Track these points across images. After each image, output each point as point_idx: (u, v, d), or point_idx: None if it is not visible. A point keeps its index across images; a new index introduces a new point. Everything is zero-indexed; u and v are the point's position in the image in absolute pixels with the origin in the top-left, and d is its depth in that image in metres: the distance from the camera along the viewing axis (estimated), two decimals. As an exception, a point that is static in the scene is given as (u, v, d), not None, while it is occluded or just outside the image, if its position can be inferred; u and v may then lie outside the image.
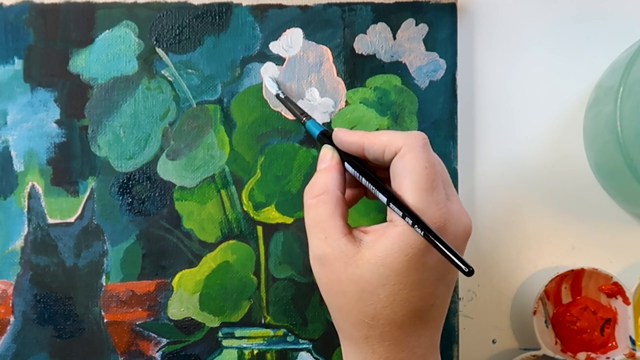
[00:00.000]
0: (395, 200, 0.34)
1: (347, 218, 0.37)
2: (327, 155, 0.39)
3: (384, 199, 0.35)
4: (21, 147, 0.47)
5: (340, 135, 0.38)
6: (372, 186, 0.36)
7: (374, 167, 0.38)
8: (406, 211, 0.34)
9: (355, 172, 0.38)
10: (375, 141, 0.36)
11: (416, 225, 0.33)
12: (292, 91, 0.47)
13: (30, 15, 0.47)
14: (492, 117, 0.49)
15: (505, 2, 0.49)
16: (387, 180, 0.37)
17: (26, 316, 0.47)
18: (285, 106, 0.45)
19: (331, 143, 0.39)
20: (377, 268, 0.34)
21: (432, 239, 0.33)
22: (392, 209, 0.35)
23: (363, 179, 0.37)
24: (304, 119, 0.43)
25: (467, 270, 0.32)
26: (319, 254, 0.36)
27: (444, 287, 0.36)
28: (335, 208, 0.36)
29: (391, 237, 0.34)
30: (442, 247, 0.33)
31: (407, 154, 0.35)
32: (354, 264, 0.35)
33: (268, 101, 0.47)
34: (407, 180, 0.35)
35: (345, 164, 0.38)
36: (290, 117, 0.47)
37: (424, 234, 0.33)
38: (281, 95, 0.45)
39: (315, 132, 0.41)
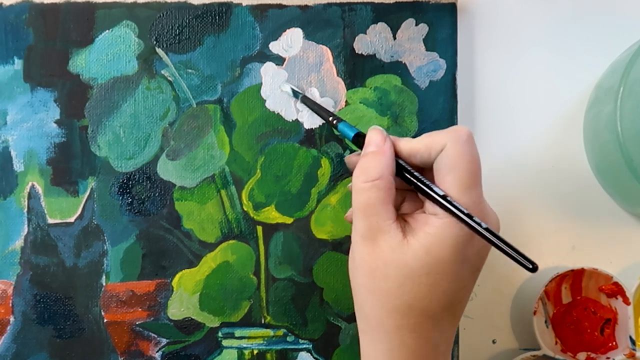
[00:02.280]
0: (443, 196, 0.35)
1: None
2: (377, 139, 0.37)
3: (435, 195, 0.35)
4: (21, 147, 0.47)
5: (387, 147, 0.37)
6: (421, 182, 0.36)
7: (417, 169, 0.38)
8: (457, 208, 0.34)
9: (410, 178, 0.37)
10: (420, 146, 0.36)
11: (479, 226, 0.34)
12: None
13: (30, 15, 0.47)
14: (492, 117, 0.49)
15: (505, 2, 0.49)
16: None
17: (26, 316, 0.47)
18: (312, 110, 0.45)
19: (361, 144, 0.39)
20: (422, 256, 0.35)
21: (494, 238, 0.34)
22: (453, 213, 0.34)
23: (411, 176, 0.37)
24: (335, 121, 0.41)
25: (531, 266, 0.33)
26: (369, 235, 0.36)
27: (473, 281, 0.37)
28: (388, 194, 0.36)
29: (436, 228, 0.35)
30: (504, 246, 0.34)
31: (451, 149, 0.35)
32: (400, 250, 0.35)
33: (266, 101, 0.47)
34: (450, 175, 0.35)
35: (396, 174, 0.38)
36: (290, 117, 0.47)
37: (484, 228, 0.34)
38: (301, 101, 0.45)
39: (350, 134, 0.40)
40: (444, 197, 0.35)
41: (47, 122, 0.47)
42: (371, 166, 0.36)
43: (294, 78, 0.47)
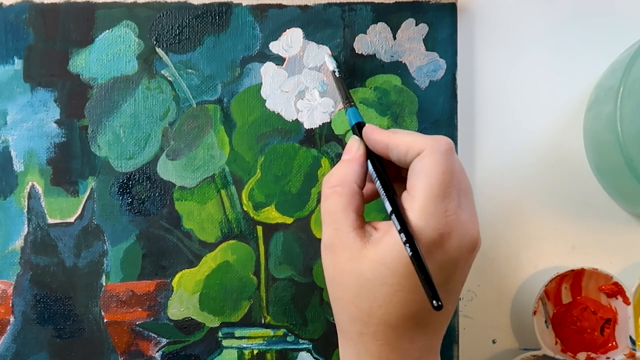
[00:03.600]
0: (398, 212, 0.34)
1: (363, 211, 0.37)
2: (352, 147, 0.38)
3: (388, 208, 0.35)
4: (21, 147, 0.47)
5: (369, 131, 0.38)
6: (382, 191, 0.36)
7: (398, 171, 0.38)
8: (404, 229, 0.34)
9: (373, 171, 0.37)
10: (399, 142, 0.36)
11: (407, 245, 0.33)
12: (293, 91, 0.47)
13: (30, 15, 0.47)
14: (492, 117, 0.49)
15: (505, 2, 0.49)
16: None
17: (26, 316, 0.47)
18: (336, 85, 0.45)
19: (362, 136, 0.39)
20: (378, 266, 0.34)
21: (415, 263, 0.33)
22: (393, 221, 0.34)
23: (377, 181, 0.37)
24: (347, 105, 0.42)
25: (435, 305, 0.32)
26: (328, 243, 0.36)
27: (443, 295, 0.35)
28: (349, 201, 0.36)
29: (394, 238, 0.34)
30: (420, 274, 0.33)
31: (427, 157, 0.35)
32: (358, 259, 0.35)
33: (266, 101, 0.47)
34: (421, 182, 0.34)
35: (368, 161, 0.38)
36: (290, 117, 0.47)
37: (410, 255, 0.33)
38: (337, 74, 0.45)
39: (352, 121, 0.40)
40: (392, 204, 0.35)
41: (47, 122, 0.47)
42: (335, 173, 0.37)
43: (293, 78, 0.47)
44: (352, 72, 0.47)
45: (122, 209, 0.47)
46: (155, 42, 0.47)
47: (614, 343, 0.47)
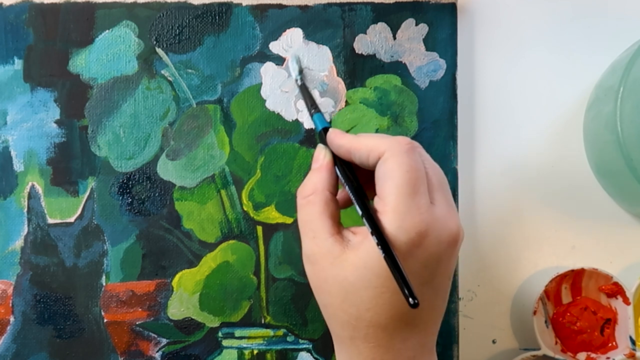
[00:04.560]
0: (368, 215, 0.34)
1: (339, 218, 0.37)
2: (319, 155, 0.39)
3: (359, 211, 0.35)
4: (21, 147, 0.47)
5: (332, 137, 0.38)
6: (352, 195, 0.36)
7: (371, 174, 0.38)
8: (375, 230, 0.34)
9: (341, 177, 0.38)
10: (360, 146, 0.36)
11: (379, 246, 0.33)
12: (293, 90, 0.47)
13: (30, 15, 0.47)
14: (492, 117, 0.49)
15: (505, 2, 0.49)
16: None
17: (26, 316, 0.47)
18: (301, 93, 0.45)
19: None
20: (360, 270, 0.34)
21: (390, 263, 0.33)
22: (365, 223, 0.35)
23: (346, 186, 0.37)
24: (313, 111, 0.42)
25: (412, 302, 0.32)
26: (308, 253, 0.36)
27: (430, 291, 0.35)
28: (324, 208, 0.36)
29: (374, 242, 0.34)
30: (395, 273, 0.33)
31: (389, 159, 0.35)
32: (339, 265, 0.35)
33: (266, 101, 0.47)
34: (388, 184, 0.34)
35: (336, 167, 0.38)
36: (290, 117, 0.47)
37: (384, 256, 0.33)
38: (299, 82, 0.45)
39: (319, 127, 0.41)
40: (362, 208, 0.35)
41: (47, 122, 0.47)
42: (307, 183, 0.38)
43: (294, 78, 0.47)
44: (352, 72, 0.47)
45: (122, 209, 0.47)
46: (155, 42, 0.47)
47: (614, 343, 0.47)
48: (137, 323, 0.47)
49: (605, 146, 0.45)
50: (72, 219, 0.47)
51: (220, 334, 0.47)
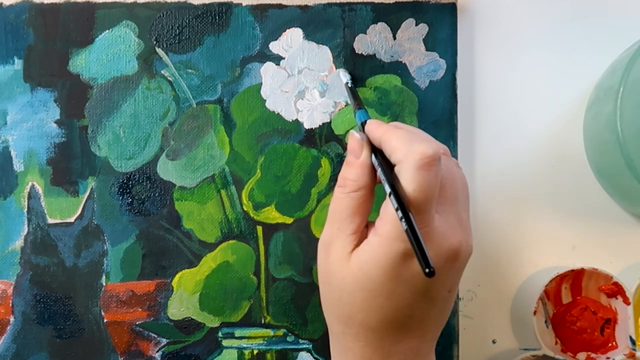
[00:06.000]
0: (399, 201, 0.34)
1: (369, 215, 0.37)
2: (356, 149, 0.37)
3: (387, 190, 0.34)
4: (21, 147, 0.47)
5: (370, 128, 0.38)
6: (382, 175, 0.36)
7: None
8: (400, 205, 0.33)
9: (377, 165, 0.37)
10: (386, 146, 0.36)
11: (403, 220, 0.33)
12: (293, 91, 0.47)
13: (30, 15, 0.47)
14: (492, 117, 0.49)
15: (505, 2, 0.49)
16: None
17: (26, 316, 0.47)
18: (348, 94, 0.45)
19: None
20: (356, 272, 0.35)
21: (409, 230, 0.32)
22: (390, 201, 0.34)
23: (380, 171, 0.36)
24: (357, 107, 0.42)
25: (427, 271, 0.31)
26: (327, 241, 0.37)
27: (424, 302, 0.35)
28: (362, 206, 0.36)
29: (371, 245, 0.35)
30: (412, 240, 0.32)
31: (401, 172, 0.34)
32: (344, 263, 0.36)
33: (266, 101, 0.47)
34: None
35: (372, 155, 0.37)
36: (290, 117, 0.47)
37: (405, 229, 0.32)
38: (349, 85, 0.45)
39: (358, 122, 0.40)
40: (390, 193, 0.34)
41: (47, 122, 0.47)
42: (348, 178, 0.37)
43: (293, 78, 0.47)
44: (352, 72, 0.47)
45: (122, 209, 0.47)
46: (155, 42, 0.47)
47: (614, 343, 0.47)
48: (137, 323, 0.47)
49: (605, 146, 0.45)
50: (72, 219, 0.47)
51: (220, 334, 0.47)
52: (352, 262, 0.35)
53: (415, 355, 0.36)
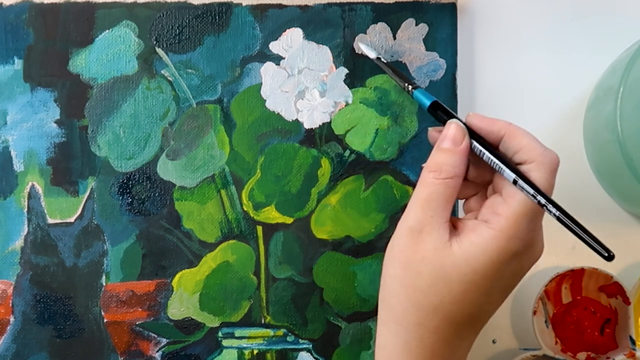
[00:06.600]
0: (524, 178, 0.35)
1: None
2: (457, 136, 0.37)
3: (510, 176, 0.35)
4: (21, 147, 0.47)
5: (477, 121, 0.38)
6: (500, 164, 0.36)
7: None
8: (536, 190, 0.34)
9: (484, 151, 0.37)
10: (515, 142, 0.36)
11: (550, 205, 0.34)
12: (293, 90, 0.47)
13: (30, 15, 0.47)
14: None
15: (505, 2, 0.49)
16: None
17: (26, 316, 0.47)
18: (387, 72, 0.44)
19: (445, 116, 0.38)
20: (460, 263, 0.35)
21: (568, 221, 0.34)
22: (522, 186, 0.34)
23: (492, 158, 0.36)
24: (411, 87, 0.41)
25: (606, 255, 0.34)
26: (417, 227, 0.36)
27: (502, 299, 0.37)
28: (454, 195, 0.36)
29: (482, 238, 0.34)
30: (578, 231, 0.35)
31: (533, 171, 0.35)
32: (442, 251, 0.35)
33: (266, 101, 0.47)
34: (518, 196, 0.35)
35: (473, 142, 0.37)
36: (290, 117, 0.47)
37: (558, 215, 0.34)
38: (383, 60, 0.44)
39: (426, 102, 0.39)
40: (515, 181, 0.35)
41: (47, 122, 0.47)
42: (446, 164, 0.36)
43: (293, 78, 0.47)
44: (352, 72, 0.47)
45: (122, 209, 0.47)
46: (155, 42, 0.47)
47: (614, 343, 0.47)
48: (137, 323, 0.47)
49: (605, 146, 0.45)
50: (72, 219, 0.47)
51: (220, 334, 0.47)
52: (454, 252, 0.35)
53: (468, 350, 0.37)
